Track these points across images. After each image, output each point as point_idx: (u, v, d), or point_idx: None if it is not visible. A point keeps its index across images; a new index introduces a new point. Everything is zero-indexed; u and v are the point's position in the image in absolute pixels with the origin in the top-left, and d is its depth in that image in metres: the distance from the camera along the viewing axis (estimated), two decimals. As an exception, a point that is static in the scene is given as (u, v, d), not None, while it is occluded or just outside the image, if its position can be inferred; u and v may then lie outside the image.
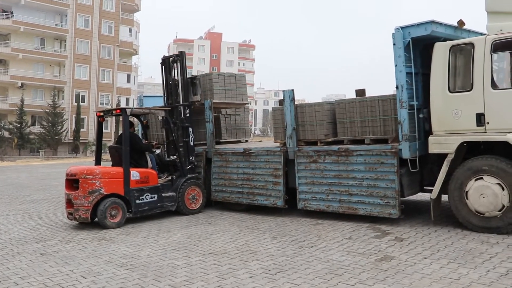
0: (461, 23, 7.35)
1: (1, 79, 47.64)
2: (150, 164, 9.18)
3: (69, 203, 8.28)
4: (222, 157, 9.87)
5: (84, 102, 50.20)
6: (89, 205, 8.07)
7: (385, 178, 7.35)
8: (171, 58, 10.12)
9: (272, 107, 10.79)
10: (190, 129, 9.85)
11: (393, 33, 7.27)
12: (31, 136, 45.70)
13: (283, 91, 9.01)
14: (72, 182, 8.40)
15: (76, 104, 48.52)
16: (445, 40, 7.16)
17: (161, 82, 10.57)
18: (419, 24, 7.09)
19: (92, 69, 51.79)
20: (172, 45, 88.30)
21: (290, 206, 8.73)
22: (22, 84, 47.62)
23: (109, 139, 42.35)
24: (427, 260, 5.43)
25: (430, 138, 7.14)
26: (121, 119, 9.36)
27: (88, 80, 51.64)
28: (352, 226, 7.49)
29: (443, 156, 6.95)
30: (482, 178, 6.53)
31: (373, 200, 7.48)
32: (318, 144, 8.48)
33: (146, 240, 7.13)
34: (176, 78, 10.09)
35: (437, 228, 6.96)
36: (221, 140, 11.08)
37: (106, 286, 5.02)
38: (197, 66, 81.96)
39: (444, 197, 7.12)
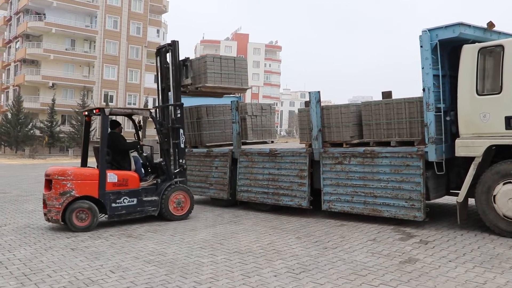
0: (490, 24, 7.24)
1: (33, 79, 49.07)
2: (133, 166, 8.77)
3: (44, 203, 8.08)
4: (248, 157, 9.96)
5: (112, 102, 50.98)
6: (60, 206, 7.79)
7: (411, 180, 7.31)
8: (163, 49, 10.02)
9: (298, 109, 10.77)
10: (181, 131, 9.36)
11: (420, 36, 7.21)
12: (61, 135, 46.74)
13: (309, 92, 9.05)
14: (49, 183, 8.14)
15: (104, 104, 49.35)
16: (473, 42, 7.08)
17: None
18: (447, 26, 7.02)
19: (120, 70, 52.74)
20: (199, 46, 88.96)
21: (314, 207, 8.77)
22: (53, 84, 48.93)
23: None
24: (452, 263, 5.40)
25: (457, 141, 7.08)
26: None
27: (117, 80, 52.60)
28: (376, 228, 7.48)
29: (470, 159, 6.88)
30: (510, 182, 6.45)
31: (398, 202, 7.45)
32: (344, 145, 8.50)
33: (172, 238, 7.27)
34: (169, 62, 9.97)
35: (463, 232, 6.90)
36: (247, 141, 11.17)
37: (134, 281, 5.16)
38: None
39: (471, 201, 7.05)
